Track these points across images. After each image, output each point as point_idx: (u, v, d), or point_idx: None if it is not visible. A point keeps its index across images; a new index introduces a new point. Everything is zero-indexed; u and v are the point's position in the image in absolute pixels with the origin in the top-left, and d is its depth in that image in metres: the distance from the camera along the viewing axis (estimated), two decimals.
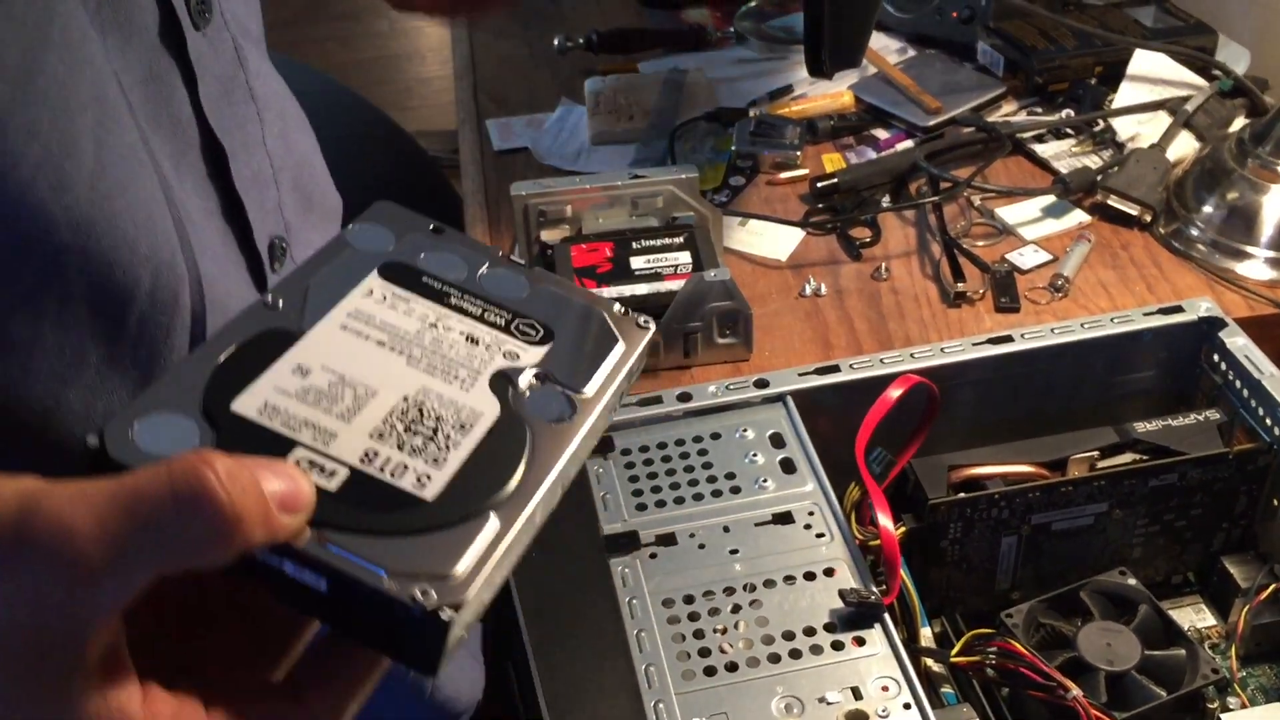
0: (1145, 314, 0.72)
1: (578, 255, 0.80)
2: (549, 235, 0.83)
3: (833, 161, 0.99)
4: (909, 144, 0.99)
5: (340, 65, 2.86)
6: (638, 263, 0.79)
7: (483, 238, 0.92)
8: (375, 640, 0.33)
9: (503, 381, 0.38)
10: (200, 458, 0.29)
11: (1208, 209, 0.86)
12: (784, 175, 0.97)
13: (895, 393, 0.65)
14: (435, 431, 0.35)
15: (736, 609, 0.57)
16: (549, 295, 0.42)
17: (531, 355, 0.39)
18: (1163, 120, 0.96)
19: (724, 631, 0.56)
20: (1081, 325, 0.72)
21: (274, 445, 0.34)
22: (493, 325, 0.40)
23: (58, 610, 0.28)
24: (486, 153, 1.03)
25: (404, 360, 0.37)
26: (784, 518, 0.61)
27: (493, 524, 0.34)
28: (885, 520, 0.59)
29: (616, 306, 0.42)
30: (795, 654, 0.54)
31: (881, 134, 1.02)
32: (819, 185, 0.93)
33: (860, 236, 0.90)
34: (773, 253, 0.89)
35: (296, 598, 0.32)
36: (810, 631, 0.55)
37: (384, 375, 0.37)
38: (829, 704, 0.52)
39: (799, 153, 0.98)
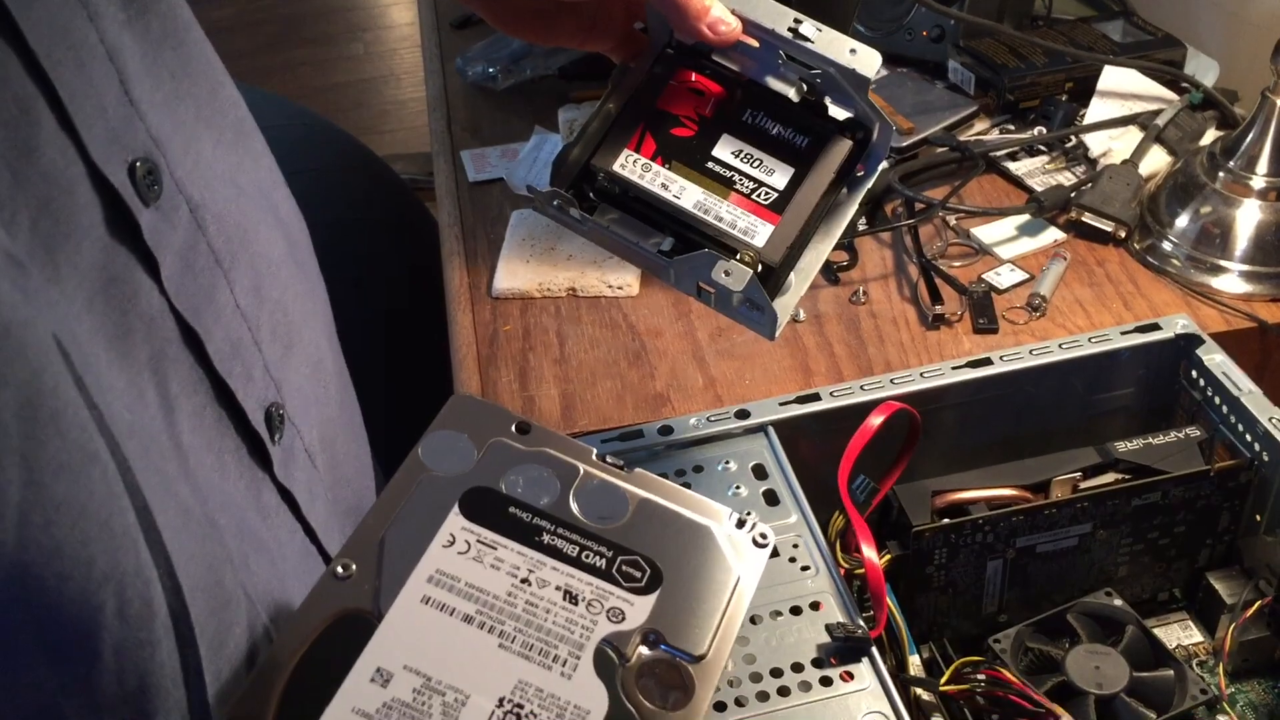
0: (1123, 332, 0.72)
1: (675, 89, 0.57)
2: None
3: None
4: (883, 165, 0.99)
5: (315, 90, 2.86)
6: (726, 149, 0.56)
7: (460, 271, 0.92)
8: None
9: (608, 657, 0.34)
10: None
11: (1181, 224, 0.87)
12: None
13: (876, 420, 0.65)
14: None
15: None
16: (653, 512, 0.37)
17: (638, 609, 0.35)
18: (1134, 135, 0.96)
19: None
20: (1059, 346, 0.72)
21: None
22: (592, 570, 0.35)
23: None
24: (461, 184, 1.03)
25: (495, 641, 0.33)
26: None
27: None
28: (870, 552, 0.59)
29: (730, 515, 0.38)
30: (784, 691, 0.54)
31: None
32: None
33: (837, 260, 0.90)
34: None
35: None
36: (798, 668, 0.55)
37: (475, 668, 0.32)
38: None
39: None
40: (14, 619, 0.32)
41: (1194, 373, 0.72)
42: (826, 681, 0.54)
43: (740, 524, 0.38)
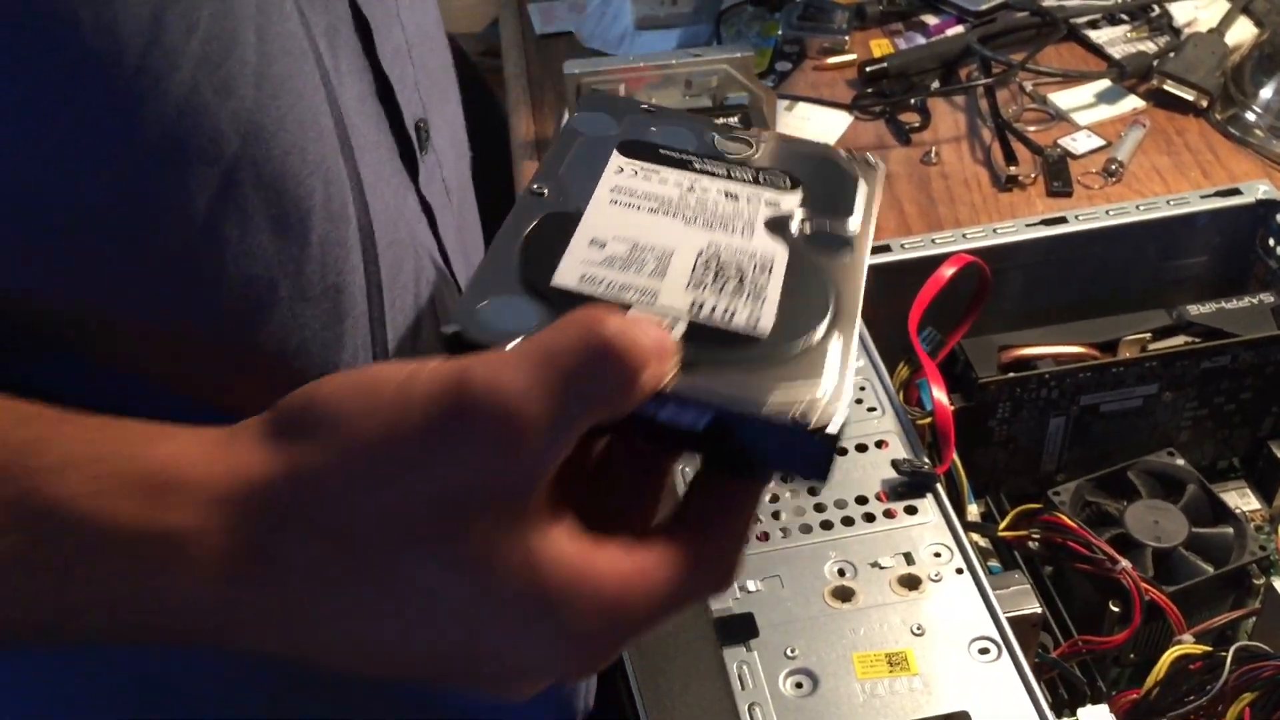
0: (1202, 196, 0.71)
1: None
2: None
3: (881, 47, 0.97)
4: (959, 30, 0.97)
5: None
6: None
7: (526, 122, 0.91)
8: (754, 466, 0.34)
9: (777, 226, 0.39)
10: (595, 314, 0.29)
11: (1266, 94, 0.85)
12: (831, 60, 0.96)
13: (948, 271, 0.64)
14: (743, 276, 0.36)
15: (788, 479, 0.57)
16: (780, 147, 0.42)
17: (790, 201, 0.40)
18: (1221, 5, 0.93)
19: (775, 499, 0.56)
20: (1137, 207, 0.71)
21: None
22: (744, 181, 0.40)
23: (507, 473, 0.28)
24: (528, 36, 1.02)
25: (680, 221, 0.38)
26: None
27: (836, 341, 0.35)
28: (939, 393, 0.59)
29: (841, 151, 0.43)
30: (848, 521, 0.55)
31: (931, 20, 1.00)
32: (868, 69, 0.92)
33: (909, 121, 0.88)
34: (819, 137, 0.88)
35: (667, 438, 0.33)
36: (862, 500, 0.56)
37: (671, 236, 0.37)
38: (881, 568, 0.53)
39: (847, 38, 0.96)
40: (250, 179, 0.36)
41: (1271, 240, 0.71)
42: (890, 514, 0.55)
43: (851, 156, 0.43)
